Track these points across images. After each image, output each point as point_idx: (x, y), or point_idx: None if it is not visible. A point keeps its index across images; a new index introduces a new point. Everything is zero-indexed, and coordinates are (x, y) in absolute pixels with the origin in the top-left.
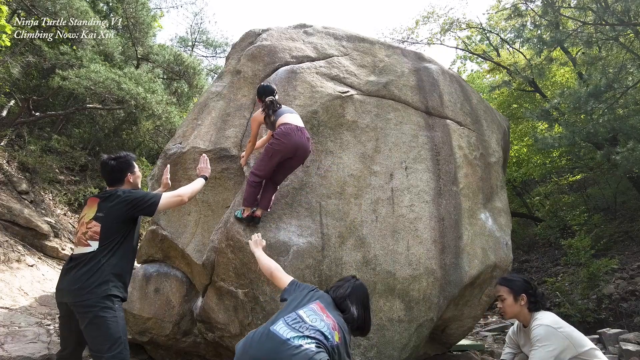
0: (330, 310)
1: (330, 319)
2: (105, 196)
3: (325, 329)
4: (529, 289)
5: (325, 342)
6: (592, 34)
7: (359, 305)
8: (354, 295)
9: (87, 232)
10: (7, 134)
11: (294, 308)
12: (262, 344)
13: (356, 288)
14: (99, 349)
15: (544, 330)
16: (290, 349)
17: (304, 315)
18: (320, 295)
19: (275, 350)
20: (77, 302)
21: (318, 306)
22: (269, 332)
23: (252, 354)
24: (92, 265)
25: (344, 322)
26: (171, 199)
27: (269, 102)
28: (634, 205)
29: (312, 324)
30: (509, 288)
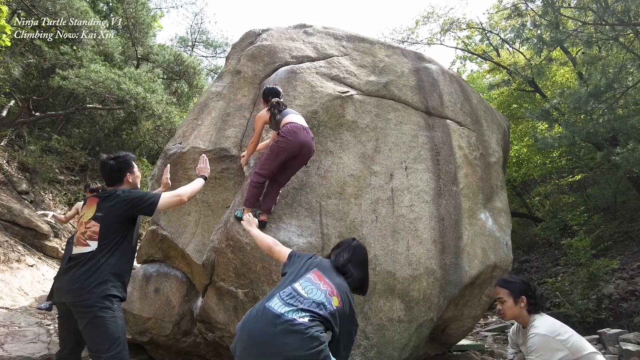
0: (330, 276)
1: (327, 285)
2: (105, 196)
3: (321, 298)
4: (528, 291)
5: (320, 312)
6: (592, 34)
7: (359, 268)
8: (355, 259)
9: (86, 232)
10: (7, 134)
11: (290, 282)
12: (257, 320)
13: (356, 251)
14: (97, 349)
15: (539, 340)
16: (284, 324)
17: (299, 288)
18: (319, 262)
19: (269, 325)
20: (76, 302)
21: (315, 274)
22: (264, 308)
23: (249, 329)
24: (91, 265)
25: (345, 284)
26: (171, 198)
27: (275, 103)
28: (634, 205)
29: (307, 296)
30: (508, 290)
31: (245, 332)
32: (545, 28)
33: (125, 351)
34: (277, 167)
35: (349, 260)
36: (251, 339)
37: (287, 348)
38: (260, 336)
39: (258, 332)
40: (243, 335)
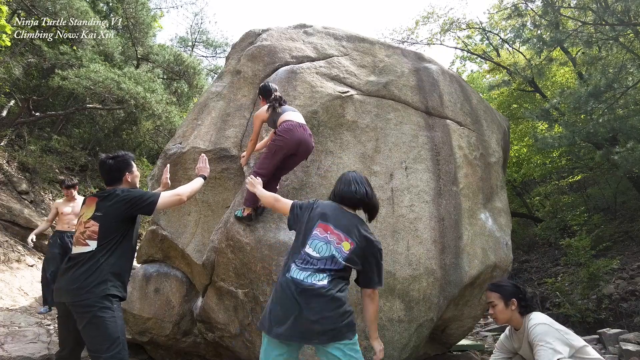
0: (335, 220)
1: (334, 234)
2: (104, 195)
3: (332, 252)
4: (518, 294)
5: (335, 267)
6: (592, 34)
7: (364, 185)
8: (357, 182)
9: (86, 232)
10: (7, 134)
11: (301, 245)
12: (284, 292)
13: (355, 177)
14: (97, 349)
15: (543, 329)
16: (306, 290)
17: (310, 250)
18: (320, 213)
19: (293, 295)
20: (76, 302)
21: (320, 228)
22: (286, 280)
23: (280, 302)
24: (90, 265)
25: (355, 217)
26: (170, 198)
27: (274, 99)
28: (634, 205)
29: (319, 255)
30: (499, 294)
31: (277, 306)
32: (545, 28)
33: (125, 351)
34: (276, 166)
35: (354, 192)
36: (283, 310)
37: (314, 312)
38: (290, 306)
39: (286, 303)
40: (275, 309)
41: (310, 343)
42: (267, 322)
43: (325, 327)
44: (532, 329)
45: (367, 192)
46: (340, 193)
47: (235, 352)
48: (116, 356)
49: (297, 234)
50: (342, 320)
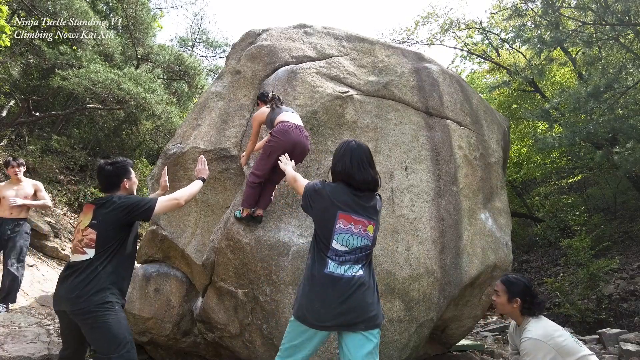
0: (354, 206)
1: (358, 222)
2: (101, 203)
3: (361, 242)
4: (526, 295)
5: (367, 252)
6: (592, 34)
7: (370, 168)
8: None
9: (83, 240)
10: (7, 134)
11: (327, 240)
12: (324, 287)
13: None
14: (105, 351)
15: (531, 345)
16: (347, 283)
17: (338, 245)
18: (336, 201)
19: (336, 289)
20: (75, 310)
21: (342, 220)
22: (324, 275)
23: (320, 298)
24: (88, 273)
25: (371, 200)
26: (167, 202)
27: (273, 97)
28: (634, 205)
29: (349, 248)
30: (506, 288)
31: (318, 301)
32: (546, 28)
33: (133, 350)
34: (272, 166)
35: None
36: (326, 306)
37: (359, 301)
38: (335, 300)
39: (329, 297)
40: (315, 304)
41: (354, 330)
42: (308, 315)
43: (368, 314)
44: (523, 342)
45: (375, 179)
46: (349, 179)
47: (235, 352)
48: (125, 355)
49: (318, 224)
50: (379, 307)
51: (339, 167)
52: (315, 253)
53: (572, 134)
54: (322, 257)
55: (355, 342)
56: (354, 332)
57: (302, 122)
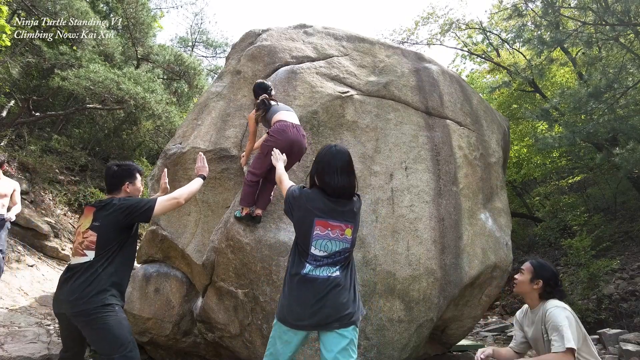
0: (330, 211)
1: (335, 227)
2: (101, 205)
3: (339, 246)
4: (551, 280)
5: (345, 255)
6: (592, 34)
7: (347, 175)
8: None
9: (84, 242)
10: (7, 134)
11: (305, 246)
12: (301, 288)
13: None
14: (107, 352)
15: (561, 312)
16: (324, 283)
17: (317, 251)
18: (312, 207)
19: (313, 289)
20: (75, 312)
21: (319, 226)
22: (302, 276)
23: (298, 299)
24: (89, 275)
25: (349, 204)
26: (167, 202)
27: (259, 102)
28: (634, 206)
29: (327, 252)
30: (533, 268)
31: (295, 302)
32: (546, 28)
33: (136, 350)
34: (269, 165)
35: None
36: (302, 306)
37: (333, 301)
38: (311, 300)
39: (305, 297)
40: (293, 305)
41: (329, 329)
42: (287, 316)
43: (342, 313)
44: (551, 311)
45: (351, 185)
46: (324, 185)
47: (235, 352)
48: (127, 355)
49: (297, 230)
50: (354, 306)
51: (315, 172)
52: (295, 256)
53: (572, 134)
54: (300, 261)
55: (331, 340)
56: (329, 331)
57: (298, 121)
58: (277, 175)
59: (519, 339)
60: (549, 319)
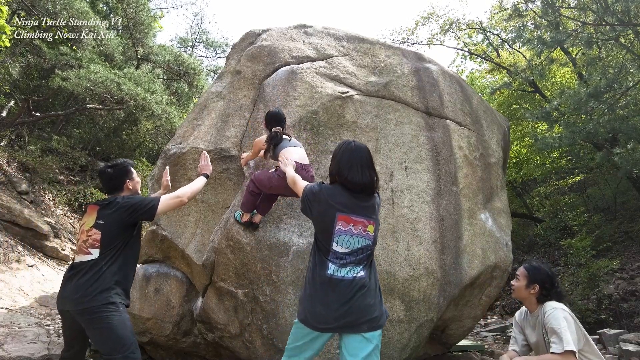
0: (354, 207)
1: (358, 223)
2: (105, 204)
3: (361, 242)
4: (546, 283)
5: (368, 252)
6: (592, 34)
7: (367, 170)
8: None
9: (88, 240)
10: (7, 134)
11: (327, 243)
12: (326, 289)
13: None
14: (109, 351)
15: (560, 313)
16: (349, 285)
17: (338, 248)
18: (334, 202)
19: (338, 290)
20: (79, 310)
21: (342, 221)
22: (326, 277)
23: (322, 301)
24: (93, 273)
25: (370, 199)
26: (170, 200)
27: (272, 136)
28: (634, 206)
29: (350, 249)
30: (527, 273)
31: (319, 304)
32: (546, 28)
33: (137, 351)
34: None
35: (360, 182)
36: (327, 309)
37: (359, 304)
38: (335, 303)
39: (330, 300)
40: (317, 307)
41: (356, 331)
42: (310, 318)
43: (369, 316)
44: (550, 313)
45: (372, 180)
46: (345, 181)
47: (235, 352)
48: (129, 356)
49: (317, 227)
50: (381, 308)
51: (336, 168)
52: (316, 256)
53: (572, 134)
54: (322, 260)
55: (355, 345)
56: (354, 334)
57: (307, 159)
58: (290, 178)
59: (520, 342)
60: (547, 322)
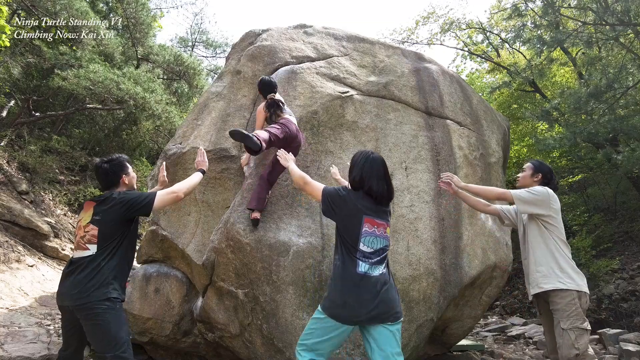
0: (376, 211)
1: (380, 226)
2: (101, 199)
3: (382, 243)
4: (549, 174)
5: (386, 252)
6: (592, 34)
7: (386, 182)
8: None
9: (85, 236)
10: (7, 134)
11: (354, 242)
12: (355, 285)
13: (375, 165)
14: (102, 349)
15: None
16: (375, 281)
17: (365, 247)
18: (360, 205)
19: (367, 286)
20: (78, 305)
21: (368, 223)
22: (356, 274)
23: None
24: (92, 269)
25: (386, 208)
26: (166, 196)
27: (273, 102)
28: (634, 206)
29: (374, 249)
30: (534, 165)
31: (352, 298)
32: (546, 28)
33: (130, 350)
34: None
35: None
36: (359, 302)
37: (386, 297)
38: (367, 297)
39: (363, 294)
40: (349, 301)
41: (383, 322)
42: (342, 312)
43: (395, 309)
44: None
45: (390, 192)
46: (369, 190)
47: (235, 352)
48: (121, 355)
49: (344, 227)
50: (400, 304)
51: (359, 177)
52: (344, 254)
53: (572, 135)
54: (351, 258)
55: (384, 338)
56: (381, 325)
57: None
58: (298, 176)
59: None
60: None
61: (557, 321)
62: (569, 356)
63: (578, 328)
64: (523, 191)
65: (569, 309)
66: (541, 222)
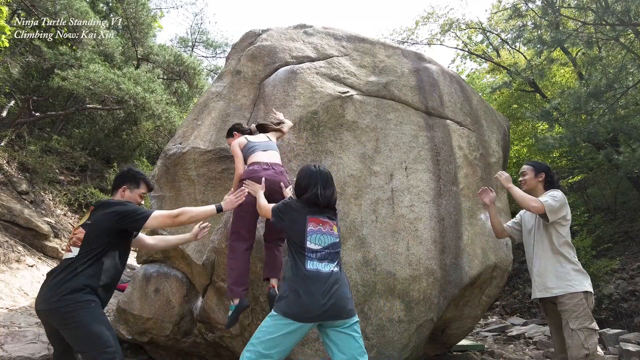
0: (319, 211)
1: (325, 224)
2: (99, 204)
3: (330, 239)
4: (549, 171)
5: (337, 249)
6: (593, 34)
7: (328, 189)
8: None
9: (72, 238)
10: (7, 134)
11: (301, 242)
12: (307, 282)
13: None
14: (83, 349)
15: (560, 194)
16: (327, 278)
17: (312, 245)
18: (303, 209)
19: (318, 283)
20: (48, 309)
21: (312, 222)
22: (307, 272)
23: (305, 291)
24: (67, 273)
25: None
26: (162, 217)
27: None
28: (634, 206)
29: (322, 246)
30: (532, 167)
31: (305, 296)
32: (546, 28)
33: (114, 344)
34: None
35: (326, 196)
36: (311, 298)
37: (338, 294)
38: (318, 293)
39: (315, 291)
40: (302, 298)
41: (339, 319)
42: (295, 309)
43: (348, 307)
44: (549, 192)
45: (334, 198)
46: (315, 198)
47: (235, 352)
48: (106, 351)
49: (291, 230)
50: (352, 299)
51: (299, 189)
52: (294, 254)
53: (572, 135)
54: (301, 257)
55: (344, 342)
56: (338, 330)
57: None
58: (259, 204)
59: (513, 221)
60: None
61: (566, 322)
62: (578, 356)
63: (587, 328)
64: (549, 200)
65: (578, 310)
66: (555, 224)
